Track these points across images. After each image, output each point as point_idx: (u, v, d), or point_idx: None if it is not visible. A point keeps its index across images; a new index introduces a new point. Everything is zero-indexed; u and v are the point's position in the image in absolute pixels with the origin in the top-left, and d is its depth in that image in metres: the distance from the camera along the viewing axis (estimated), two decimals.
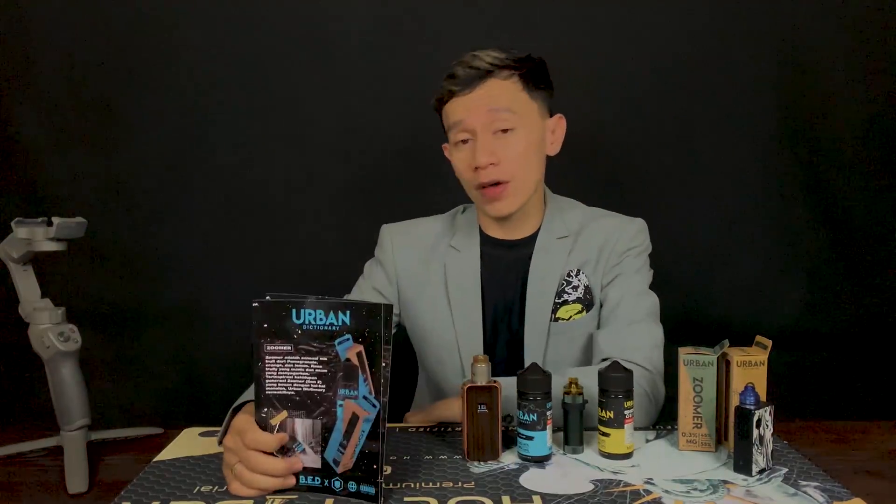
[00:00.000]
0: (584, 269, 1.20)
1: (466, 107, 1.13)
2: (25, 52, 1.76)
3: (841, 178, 1.77)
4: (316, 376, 0.82)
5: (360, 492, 0.82)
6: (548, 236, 1.22)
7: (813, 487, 0.83)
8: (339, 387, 0.82)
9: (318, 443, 0.83)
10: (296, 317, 0.82)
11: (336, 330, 0.81)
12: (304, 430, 0.83)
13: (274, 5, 1.76)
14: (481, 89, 1.12)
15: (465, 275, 1.23)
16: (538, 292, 1.19)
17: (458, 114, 1.14)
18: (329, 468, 0.83)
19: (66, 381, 1.14)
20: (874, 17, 1.72)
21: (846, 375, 1.81)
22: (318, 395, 0.83)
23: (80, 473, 1.03)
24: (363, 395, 0.81)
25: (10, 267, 1.20)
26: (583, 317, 1.19)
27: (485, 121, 1.12)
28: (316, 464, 0.84)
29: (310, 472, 0.84)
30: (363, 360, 0.81)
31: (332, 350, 0.82)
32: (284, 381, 0.83)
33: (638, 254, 1.22)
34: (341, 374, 0.82)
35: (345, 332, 0.81)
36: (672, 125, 1.78)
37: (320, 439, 0.83)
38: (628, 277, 1.19)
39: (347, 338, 0.81)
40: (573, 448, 0.94)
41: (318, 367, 0.82)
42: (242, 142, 1.80)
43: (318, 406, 0.83)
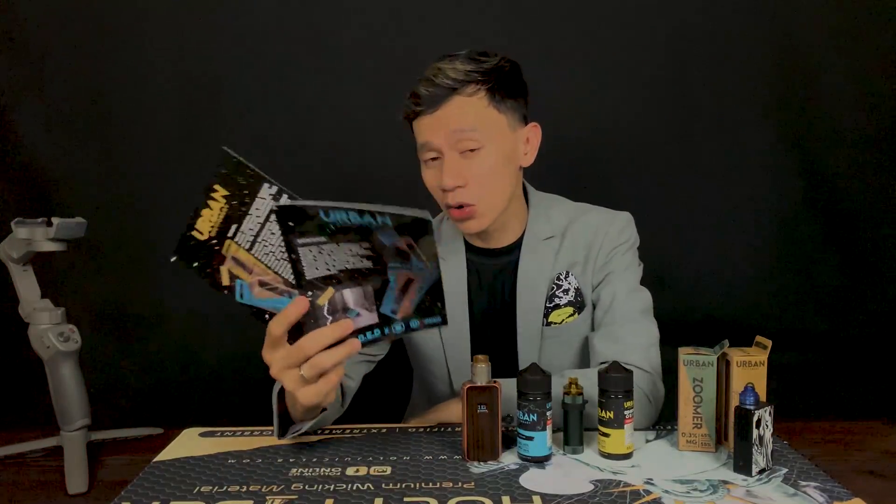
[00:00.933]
0: (573, 271, 1.19)
1: (431, 127, 1.08)
2: (26, 52, 1.76)
3: (842, 178, 1.77)
4: (358, 256, 0.77)
5: (423, 322, 0.79)
6: (533, 239, 1.20)
7: (813, 487, 0.83)
8: (390, 262, 0.76)
9: (372, 304, 0.79)
10: (324, 215, 0.75)
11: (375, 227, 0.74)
12: (356, 296, 0.79)
13: (273, 6, 1.76)
14: (445, 108, 1.07)
15: (450, 284, 1.19)
16: (528, 297, 1.18)
17: (424, 134, 1.10)
18: (388, 318, 0.80)
19: (66, 381, 1.14)
20: (874, 13, 1.71)
21: (846, 375, 1.81)
22: (366, 269, 0.77)
23: (80, 473, 1.03)
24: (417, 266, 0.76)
25: (10, 267, 1.20)
26: (575, 319, 1.18)
27: (450, 141, 1.08)
28: (373, 320, 0.80)
29: (368, 329, 0.80)
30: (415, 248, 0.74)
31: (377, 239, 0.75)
32: (324, 265, 0.78)
33: (626, 250, 1.19)
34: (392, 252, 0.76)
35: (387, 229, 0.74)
36: (671, 124, 1.78)
37: (373, 301, 0.78)
38: (619, 276, 1.17)
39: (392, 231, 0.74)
40: (573, 448, 0.94)
41: (361, 249, 0.77)
42: (242, 142, 1.80)
43: (365, 277, 0.78)
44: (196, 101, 1.78)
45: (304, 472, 0.90)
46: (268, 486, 0.85)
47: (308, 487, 0.85)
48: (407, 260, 0.76)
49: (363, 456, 0.95)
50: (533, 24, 1.74)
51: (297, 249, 0.78)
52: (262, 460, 0.94)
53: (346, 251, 0.77)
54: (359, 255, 0.77)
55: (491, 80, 1.08)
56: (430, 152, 1.11)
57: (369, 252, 0.77)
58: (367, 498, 0.81)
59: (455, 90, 1.07)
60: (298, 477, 0.88)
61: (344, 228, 0.75)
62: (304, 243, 0.77)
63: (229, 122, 1.79)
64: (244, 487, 0.85)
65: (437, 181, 1.10)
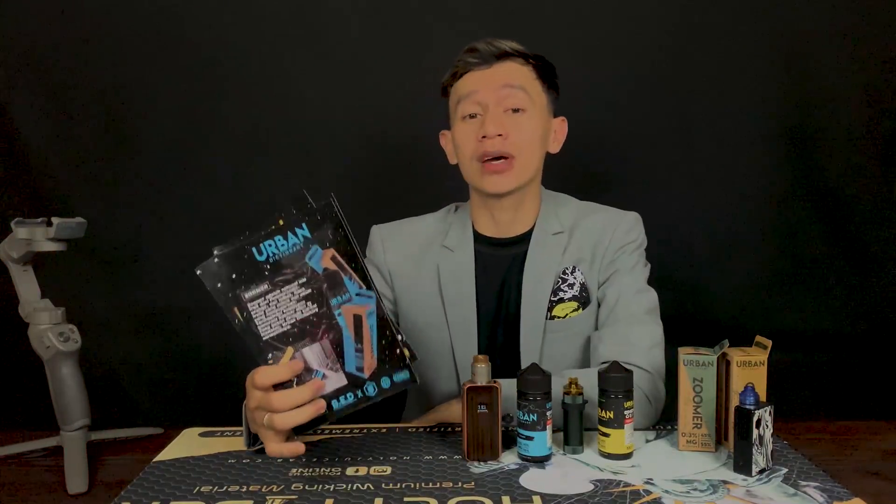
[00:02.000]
0: (580, 267, 1.20)
1: (482, 80, 1.14)
2: (26, 52, 1.76)
3: (842, 178, 1.77)
4: (304, 300, 0.80)
5: (394, 382, 0.81)
6: (543, 232, 1.21)
7: (813, 487, 0.83)
8: (330, 297, 0.80)
9: (335, 361, 0.81)
10: (258, 254, 0.80)
11: (301, 247, 0.79)
12: (316, 355, 0.81)
13: (278, 9, 1.76)
14: (499, 66, 1.15)
15: (459, 276, 1.22)
16: (533, 290, 1.19)
17: (473, 85, 1.15)
18: (356, 378, 0.81)
19: (66, 381, 1.14)
20: (874, 15, 1.72)
21: (846, 375, 1.81)
22: (313, 316, 0.81)
23: (80, 473, 1.03)
24: (355, 293, 0.80)
25: (10, 267, 1.20)
26: (579, 314, 1.18)
27: (499, 96, 1.13)
28: (342, 381, 0.81)
29: (340, 393, 0.82)
30: (339, 262, 0.79)
31: (307, 267, 0.80)
32: (276, 320, 0.81)
33: (633, 250, 1.20)
34: (326, 286, 0.80)
35: (310, 245, 0.79)
36: (671, 124, 1.78)
37: (335, 357, 0.81)
38: (625, 275, 1.18)
39: (315, 249, 0.79)
40: (573, 448, 0.94)
41: (302, 290, 0.80)
42: (242, 143, 1.80)
43: (318, 327, 0.81)
44: (196, 101, 1.78)
45: (304, 472, 0.90)
46: (268, 486, 0.85)
47: (308, 487, 0.85)
48: (340, 287, 0.79)
49: (363, 456, 0.95)
50: (531, 22, 1.74)
51: (248, 307, 0.80)
52: (262, 460, 0.94)
53: (289, 296, 0.80)
54: (302, 299, 0.80)
55: (539, 65, 1.18)
56: (474, 105, 1.15)
57: (308, 290, 0.80)
58: (367, 498, 0.81)
59: (509, 56, 1.16)
60: (298, 477, 0.88)
61: (277, 265, 0.79)
62: (252, 297, 0.80)
63: (230, 122, 1.79)
64: (244, 487, 0.85)
65: (475, 133, 1.14)
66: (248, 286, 0.80)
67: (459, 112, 1.17)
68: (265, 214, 1.79)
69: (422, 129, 1.60)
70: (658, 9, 1.74)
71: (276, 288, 0.80)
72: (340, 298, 0.80)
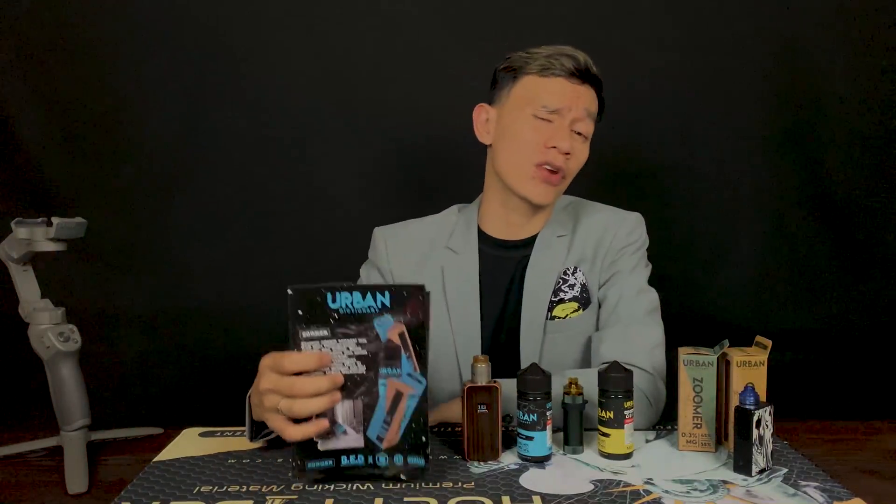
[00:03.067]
0: (581, 267, 1.20)
1: (572, 94, 1.14)
2: (25, 52, 1.76)
3: (841, 178, 1.77)
4: (355, 358, 0.80)
5: (407, 463, 0.81)
6: (549, 235, 1.22)
7: (813, 487, 0.83)
8: (381, 366, 0.80)
9: (360, 422, 0.80)
10: (331, 301, 0.79)
11: (376, 311, 0.79)
12: (345, 411, 0.81)
13: (274, 9, 1.76)
14: (585, 88, 1.16)
15: (463, 279, 1.22)
16: (535, 290, 1.19)
17: (562, 93, 1.14)
18: (373, 445, 0.81)
19: (66, 381, 1.14)
20: (874, 17, 1.72)
21: (846, 375, 1.81)
22: (357, 376, 0.80)
23: (80, 473, 1.03)
24: (407, 372, 0.80)
25: (10, 267, 1.20)
26: (579, 315, 1.18)
27: (576, 117, 1.15)
28: (359, 443, 0.81)
29: (352, 452, 0.82)
30: (406, 340, 0.79)
31: (372, 331, 0.79)
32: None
33: (634, 251, 1.21)
34: (382, 355, 0.80)
35: (385, 312, 0.79)
36: (671, 125, 1.78)
37: (361, 419, 0.80)
38: (626, 276, 1.18)
39: (388, 318, 0.79)
40: (573, 448, 0.94)
41: (358, 349, 0.80)
42: (243, 142, 1.80)
43: (358, 387, 0.80)
44: (197, 102, 1.78)
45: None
46: (268, 486, 0.85)
47: (308, 487, 0.85)
48: (397, 362, 0.80)
49: None
50: (532, 24, 1.74)
51: (301, 345, 0.80)
52: (262, 460, 0.94)
53: (344, 349, 0.80)
54: (355, 356, 0.80)
55: (602, 97, 1.20)
56: (552, 114, 1.14)
57: (364, 352, 0.80)
58: (367, 498, 0.81)
59: (594, 81, 1.17)
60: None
61: (344, 318, 0.79)
62: (308, 337, 0.80)
63: (229, 121, 1.79)
64: (244, 487, 0.85)
65: (545, 138, 1.14)
66: (309, 326, 0.79)
67: (531, 108, 1.14)
68: (265, 216, 1.79)
69: (434, 130, 1.61)
70: (658, 10, 1.74)
71: (334, 337, 0.80)
72: (391, 371, 0.80)
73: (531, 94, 1.15)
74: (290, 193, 1.82)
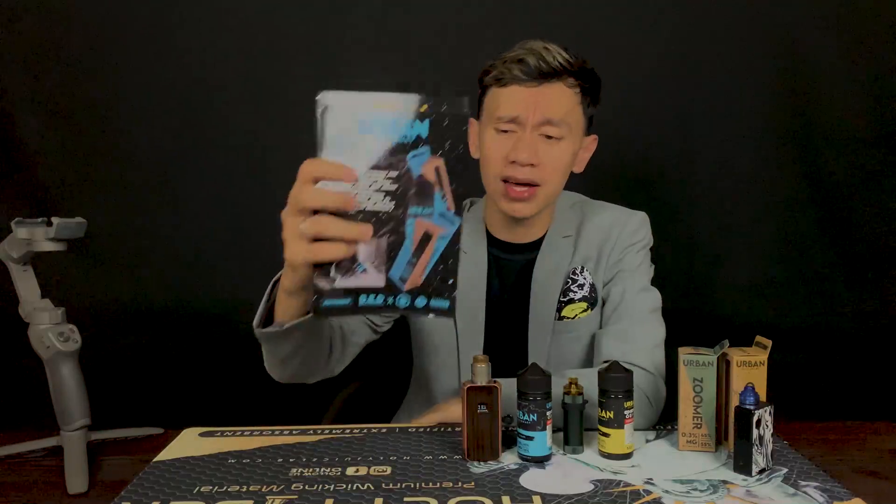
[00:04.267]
0: (587, 266, 1.20)
1: (525, 102, 1.07)
2: (25, 52, 1.76)
3: (841, 178, 1.77)
4: (383, 193, 0.73)
5: (429, 306, 0.76)
6: (555, 236, 1.22)
7: (813, 487, 0.83)
8: (411, 204, 0.73)
9: (383, 262, 0.74)
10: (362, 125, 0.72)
11: (411, 142, 0.72)
12: (367, 249, 0.74)
13: (270, 10, 1.76)
14: (546, 88, 1.07)
15: (470, 279, 1.21)
16: (543, 291, 1.19)
17: (512, 105, 1.08)
18: (394, 286, 0.75)
19: (66, 381, 1.14)
20: (877, 16, 1.71)
21: (846, 375, 1.81)
22: (383, 214, 0.73)
23: (80, 473, 1.04)
24: (440, 212, 0.74)
25: (10, 267, 1.20)
26: (588, 315, 1.18)
27: (537, 121, 1.08)
28: (380, 283, 0.75)
29: (372, 291, 0.75)
30: (441, 176, 0.73)
31: (405, 164, 0.72)
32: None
33: (639, 250, 1.21)
34: (413, 191, 0.73)
35: (420, 144, 0.72)
36: (672, 124, 1.78)
37: (384, 259, 0.74)
38: (629, 274, 1.18)
39: (424, 151, 0.72)
40: (573, 448, 0.94)
41: (387, 183, 0.73)
42: (242, 142, 1.80)
43: (383, 225, 0.74)
44: (197, 102, 1.78)
45: (304, 472, 0.89)
46: (268, 486, 0.85)
47: (308, 487, 0.85)
48: (429, 201, 0.73)
49: (363, 456, 0.94)
50: (532, 24, 1.74)
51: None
52: (262, 460, 0.94)
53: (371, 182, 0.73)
54: (383, 192, 0.73)
55: (588, 82, 1.11)
56: (510, 124, 1.08)
57: (394, 186, 0.73)
58: (367, 498, 0.81)
59: (561, 75, 1.07)
60: (298, 477, 0.88)
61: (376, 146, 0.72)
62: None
63: (228, 121, 1.79)
64: (244, 487, 0.85)
65: (507, 152, 1.08)
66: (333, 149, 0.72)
67: (493, 121, 1.11)
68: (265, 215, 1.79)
69: None
70: (659, 9, 1.74)
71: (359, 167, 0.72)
72: (421, 210, 0.73)
73: (492, 106, 1.11)
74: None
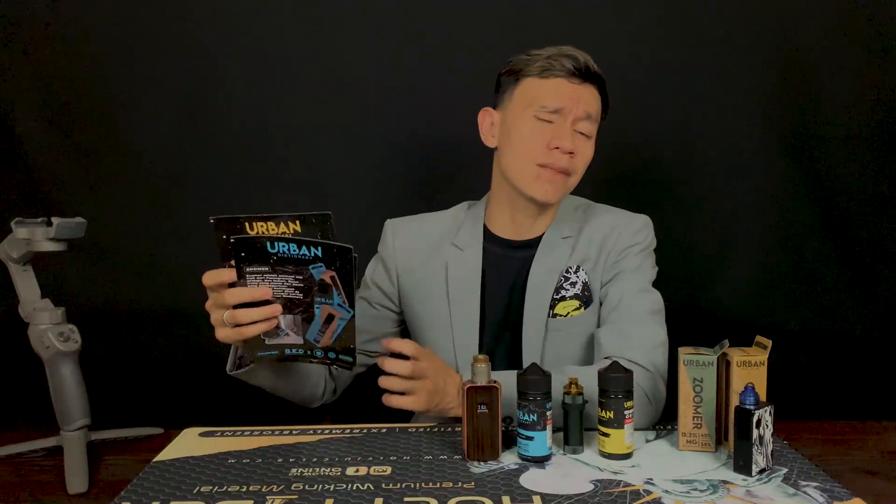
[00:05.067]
0: (584, 266, 1.20)
1: (572, 95, 1.14)
2: (25, 52, 1.76)
3: (841, 178, 1.77)
4: (293, 288, 0.92)
5: (339, 358, 0.96)
6: (554, 236, 1.22)
7: (813, 487, 0.83)
8: (316, 296, 0.92)
9: (300, 330, 0.95)
10: (270, 247, 0.90)
11: (309, 258, 0.90)
12: (287, 321, 0.95)
13: (274, 8, 1.76)
14: (587, 89, 1.16)
15: (466, 274, 1.22)
16: (537, 289, 1.19)
17: (561, 94, 1.14)
18: (310, 344, 0.96)
19: (66, 381, 1.14)
20: (876, 18, 1.71)
21: (846, 375, 1.81)
22: (296, 300, 0.93)
23: (80, 473, 1.03)
24: (337, 303, 0.93)
25: (10, 267, 1.20)
26: (581, 313, 1.19)
27: (577, 117, 1.15)
28: (299, 341, 0.96)
29: (294, 347, 0.96)
30: (336, 281, 0.91)
31: (307, 273, 0.91)
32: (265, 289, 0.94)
33: (639, 251, 1.21)
34: (317, 288, 0.92)
35: (318, 262, 0.90)
36: (672, 125, 1.78)
37: (301, 328, 0.95)
38: (628, 275, 1.19)
39: (320, 265, 0.90)
40: (573, 448, 0.94)
41: (295, 282, 0.92)
42: (242, 142, 1.80)
43: (297, 307, 0.93)
44: (195, 100, 1.78)
45: (304, 472, 0.90)
46: (268, 486, 0.85)
47: (308, 487, 0.85)
48: (329, 295, 0.92)
49: (363, 456, 0.95)
50: (531, 24, 1.74)
51: (246, 276, 0.92)
52: (262, 460, 0.94)
53: (283, 281, 0.92)
54: (292, 287, 0.92)
55: (605, 94, 1.21)
56: (552, 115, 1.14)
57: (301, 284, 0.92)
58: (367, 498, 0.81)
59: (595, 80, 1.17)
60: (298, 477, 0.88)
61: (282, 260, 0.90)
62: (252, 272, 0.92)
63: (228, 120, 1.79)
64: (244, 487, 0.85)
65: (548, 139, 1.14)
66: (252, 264, 0.91)
67: (532, 109, 1.15)
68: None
69: (441, 129, 1.61)
70: (659, 9, 1.74)
71: (275, 273, 0.91)
72: (323, 300, 0.93)
73: (532, 95, 1.16)
74: (291, 192, 1.82)
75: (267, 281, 0.91)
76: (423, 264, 1.26)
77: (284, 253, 0.89)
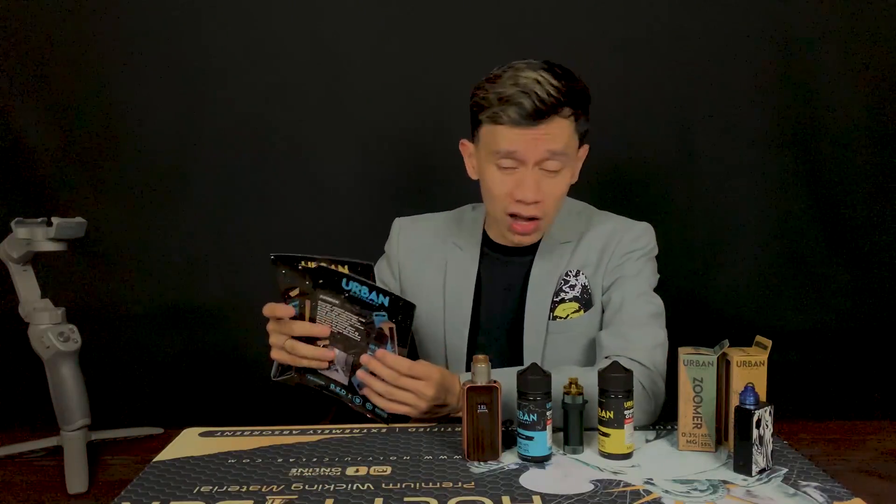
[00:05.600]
0: (584, 271, 1.21)
1: (525, 141, 1.06)
2: (26, 53, 1.76)
3: (841, 178, 1.77)
4: (353, 328, 0.99)
5: (375, 411, 1.01)
6: (552, 242, 1.22)
7: (813, 487, 0.83)
8: (371, 342, 0.98)
9: (348, 370, 1.01)
10: (345, 284, 0.98)
11: (375, 305, 0.96)
12: (339, 358, 1.02)
13: (273, 7, 1.76)
14: (545, 126, 1.06)
15: (462, 275, 1.23)
16: (537, 292, 1.20)
17: (513, 143, 1.07)
18: (353, 387, 1.01)
19: (66, 381, 1.14)
20: (874, 17, 1.72)
21: (846, 375, 1.81)
22: (353, 340, 1.00)
23: (80, 473, 1.04)
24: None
25: (10, 267, 1.20)
26: (580, 316, 1.19)
27: (538, 158, 1.07)
28: (344, 381, 1.02)
29: (337, 385, 1.03)
30: (393, 334, 0.97)
31: (371, 317, 0.98)
32: (331, 320, 1.01)
33: (639, 256, 1.21)
34: (374, 335, 0.98)
35: (381, 310, 0.96)
36: (671, 125, 1.78)
37: (350, 369, 1.01)
38: (629, 280, 1.19)
39: (384, 314, 0.97)
40: (573, 448, 0.94)
41: (358, 323, 0.98)
42: (243, 141, 1.80)
43: (352, 348, 1.00)
44: (195, 100, 1.78)
45: (304, 472, 0.90)
46: (268, 486, 0.85)
47: (308, 487, 0.85)
48: (383, 344, 0.98)
49: (363, 456, 0.95)
50: (531, 24, 1.74)
51: (318, 302, 1.01)
52: (262, 460, 0.94)
53: (348, 317, 0.99)
54: (354, 327, 0.99)
55: (580, 104, 1.09)
56: (511, 161, 1.08)
57: (361, 327, 0.99)
58: (367, 498, 0.81)
59: (556, 109, 1.05)
60: (298, 477, 0.88)
61: (352, 299, 0.98)
62: (324, 299, 1.00)
63: (228, 120, 1.79)
64: (244, 487, 0.85)
65: (511, 189, 1.10)
66: (326, 293, 1.00)
67: (493, 158, 1.10)
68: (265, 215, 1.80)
69: (443, 130, 1.60)
70: (658, 9, 1.74)
71: (343, 308, 0.99)
72: (377, 347, 0.98)
73: (490, 142, 1.10)
74: (291, 192, 1.82)
75: (334, 313, 0.99)
76: (424, 262, 1.27)
77: (355, 293, 0.97)
